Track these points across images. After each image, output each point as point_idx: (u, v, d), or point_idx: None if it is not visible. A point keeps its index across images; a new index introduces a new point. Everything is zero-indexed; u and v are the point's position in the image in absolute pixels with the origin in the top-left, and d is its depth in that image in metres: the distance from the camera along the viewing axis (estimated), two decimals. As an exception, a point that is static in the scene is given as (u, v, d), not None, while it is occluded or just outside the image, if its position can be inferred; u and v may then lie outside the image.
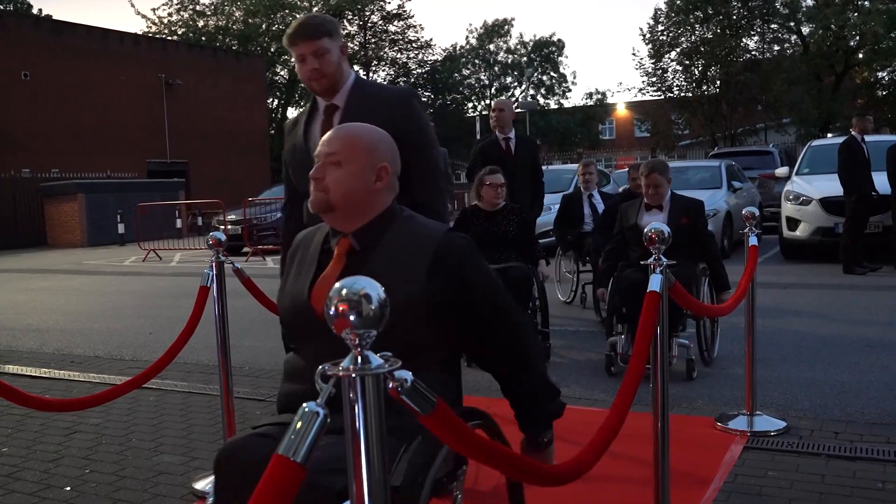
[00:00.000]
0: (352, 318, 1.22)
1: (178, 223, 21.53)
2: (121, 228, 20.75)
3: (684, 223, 4.87)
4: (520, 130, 6.98)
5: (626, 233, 5.13)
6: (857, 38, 28.12)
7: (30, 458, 3.78)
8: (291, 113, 46.10)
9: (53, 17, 28.99)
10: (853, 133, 9.40)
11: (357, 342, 1.24)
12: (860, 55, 29.08)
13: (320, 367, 1.28)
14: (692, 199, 5.16)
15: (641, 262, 3.15)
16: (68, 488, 3.36)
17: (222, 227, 16.27)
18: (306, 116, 2.87)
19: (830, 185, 9.76)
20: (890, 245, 9.14)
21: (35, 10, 41.31)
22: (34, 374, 5.55)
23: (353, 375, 1.24)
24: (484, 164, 5.84)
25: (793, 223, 10.32)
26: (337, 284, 1.26)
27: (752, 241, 3.98)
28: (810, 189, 10.27)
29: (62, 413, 4.40)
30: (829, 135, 21.15)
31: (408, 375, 1.30)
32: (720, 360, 5.20)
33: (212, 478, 3.33)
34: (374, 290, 1.25)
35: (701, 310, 4.28)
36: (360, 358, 1.25)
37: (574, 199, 7.41)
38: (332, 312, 1.24)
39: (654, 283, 2.58)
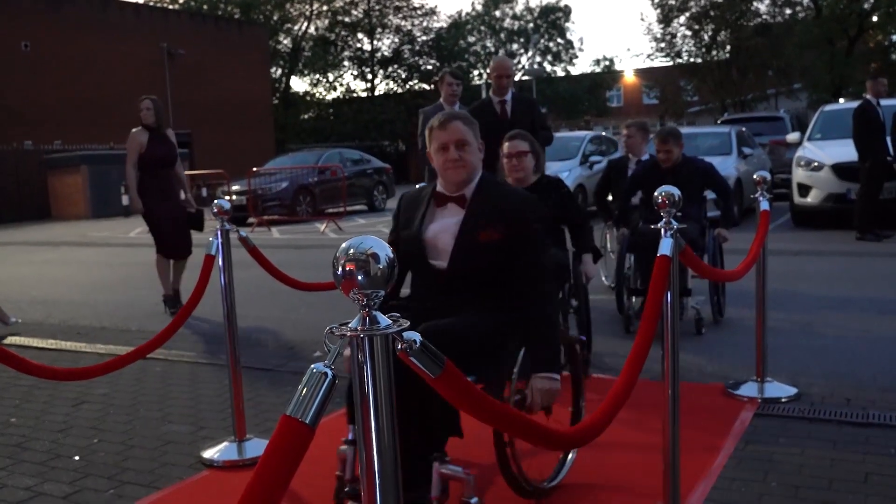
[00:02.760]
0: (359, 277, 1.20)
1: (182, 194, 21.50)
2: (125, 200, 20.73)
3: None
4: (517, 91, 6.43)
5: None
6: (872, 0, 27.69)
7: (38, 428, 3.78)
8: (295, 82, 45.85)
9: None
10: (867, 97, 9.20)
11: (365, 302, 1.22)
12: (874, 18, 28.65)
13: (328, 327, 1.26)
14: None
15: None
16: (77, 458, 3.36)
17: (227, 197, 16.23)
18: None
19: (843, 151, 9.63)
20: None
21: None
22: (41, 346, 5.55)
23: (362, 336, 1.22)
24: None
25: (804, 189, 10.21)
26: (344, 244, 1.23)
27: (764, 205, 3.92)
28: (822, 155, 10.15)
29: (70, 383, 4.40)
30: (842, 100, 20.87)
31: (416, 336, 1.28)
32: (730, 327, 5.18)
33: (220, 446, 3.34)
34: (382, 249, 1.22)
35: (711, 274, 4.24)
36: (367, 318, 1.23)
37: (620, 166, 6.39)
38: (339, 272, 1.22)
39: (665, 246, 2.54)
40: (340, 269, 1.21)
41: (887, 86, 9.17)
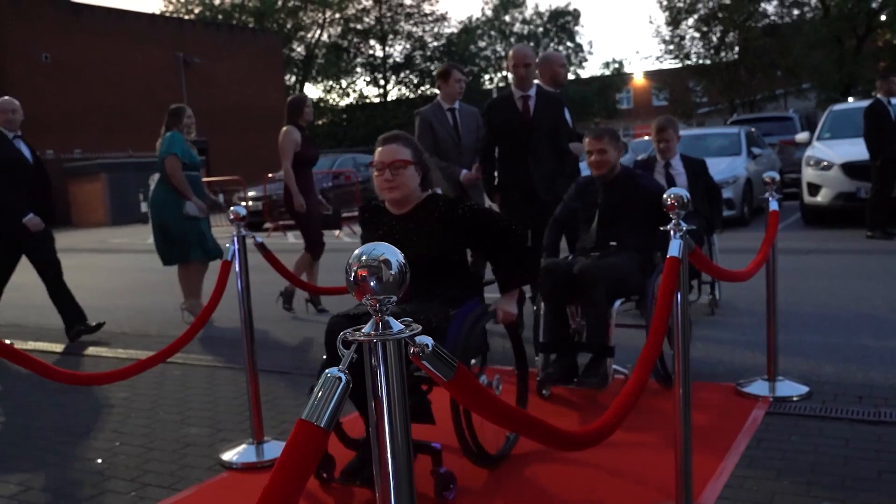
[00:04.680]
0: (372, 283, 1.23)
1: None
2: (143, 207, 20.93)
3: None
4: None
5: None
6: (880, -1, 27.53)
7: (61, 431, 3.86)
8: (308, 88, 46.05)
9: (71, -1, 29.09)
10: (878, 96, 9.20)
11: (378, 308, 1.25)
12: (883, 17, 28.43)
13: (341, 332, 1.29)
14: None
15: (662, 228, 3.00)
16: (100, 460, 3.43)
17: (243, 203, 16.35)
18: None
19: (852, 150, 9.61)
20: None
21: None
22: (63, 351, 5.64)
23: (375, 341, 1.25)
24: (490, 131, 5.14)
25: (814, 189, 10.19)
26: (357, 251, 1.26)
27: (773, 205, 3.93)
28: (832, 154, 10.12)
29: (91, 388, 4.48)
30: (851, 99, 20.77)
31: (428, 341, 1.31)
32: (741, 326, 5.18)
33: (238, 448, 3.39)
34: (394, 255, 1.25)
35: (720, 274, 4.25)
36: (380, 323, 1.26)
37: (647, 169, 5.60)
38: (351, 278, 1.24)
39: (674, 248, 2.57)
40: (353, 275, 1.24)
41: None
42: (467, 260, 3.24)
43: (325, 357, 2.93)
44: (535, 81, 5.25)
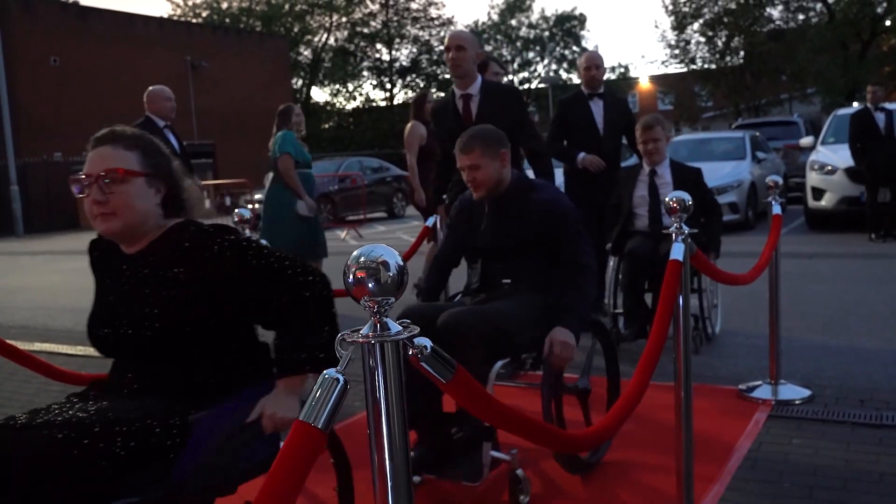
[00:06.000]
0: (370, 285, 1.23)
1: (207, 203, 21.77)
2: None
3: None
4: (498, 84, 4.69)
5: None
6: (885, 4, 27.45)
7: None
8: (315, 92, 46.18)
9: (80, 3, 29.25)
10: (867, 104, 9.41)
11: (376, 309, 1.25)
12: (887, 22, 28.40)
13: (339, 334, 1.30)
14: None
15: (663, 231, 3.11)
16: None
17: (250, 206, 16.39)
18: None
19: None
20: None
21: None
22: (70, 353, 5.67)
23: (373, 342, 1.25)
24: (439, 136, 4.46)
25: (818, 193, 10.21)
26: (355, 252, 1.27)
27: (776, 209, 3.94)
28: (835, 158, 10.14)
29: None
30: (855, 104, 20.75)
31: (427, 342, 1.31)
32: (743, 330, 5.18)
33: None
34: (392, 257, 1.26)
35: (723, 278, 4.24)
36: (378, 325, 1.26)
37: (630, 177, 5.05)
38: (350, 280, 1.25)
39: (677, 251, 2.58)
40: (351, 276, 1.24)
41: (881, 93, 9.41)
42: (243, 322, 2.08)
43: None
44: (481, 75, 4.37)
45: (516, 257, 3.12)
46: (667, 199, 2.73)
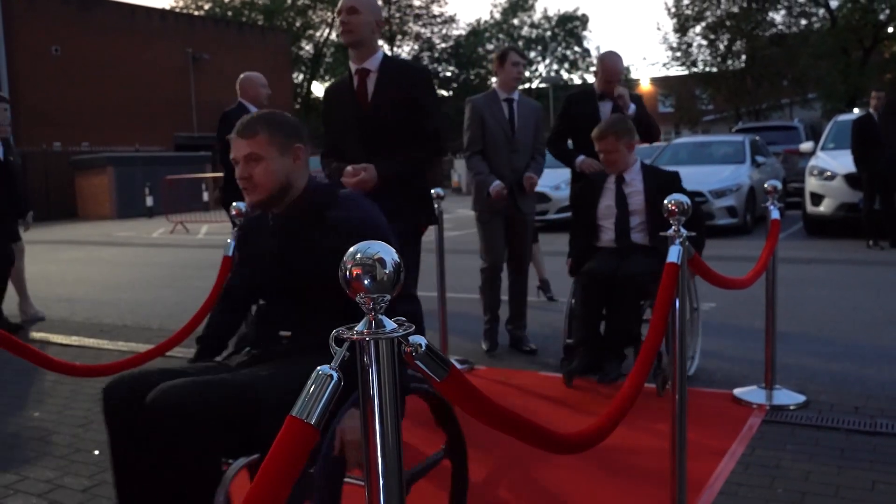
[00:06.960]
0: (366, 282, 1.23)
1: (205, 196, 21.79)
2: (149, 201, 21.04)
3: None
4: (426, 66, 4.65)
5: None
6: (888, 11, 27.50)
7: (60, 422, 3.88)
8: (316, 87, 46.18)
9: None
10: (870, 110, 9.45)
11: (371, 306, 1.25)
12: (890, 29, 28.45)
13: (334, 330, 1.29)
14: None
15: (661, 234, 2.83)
16: (97, 452, 3.45)
17: (247, 200, 16.41)
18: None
19: None
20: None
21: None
22: (64, 343, 5.67)
23: (367, 339, 1.25)
24: (327, 122, 3.66)
25: (817, 199, 10.22)
26: (352, 249, 1.26)
27: (774, 214, 3.94)
28: (835, 164, 10.15)
29: (91, 379, 4.50)
30: (856, 110, 20.78)
31: (422, 340, 1.31)
32: (739, 334, 5.18)
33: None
34: (389, 254, 1.25)
35: (720, 282, 4.24)
36: (373, 322, 1.26)
37: (594, 183, 4.58)
38: (346, 276, 1.24)
39: (673, 254, 2.58)
40: (347, 273, 1.23)
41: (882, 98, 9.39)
42: None
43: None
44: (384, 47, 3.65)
45: (301, 300, 2.26)
46: (665, 203, 2.70)
